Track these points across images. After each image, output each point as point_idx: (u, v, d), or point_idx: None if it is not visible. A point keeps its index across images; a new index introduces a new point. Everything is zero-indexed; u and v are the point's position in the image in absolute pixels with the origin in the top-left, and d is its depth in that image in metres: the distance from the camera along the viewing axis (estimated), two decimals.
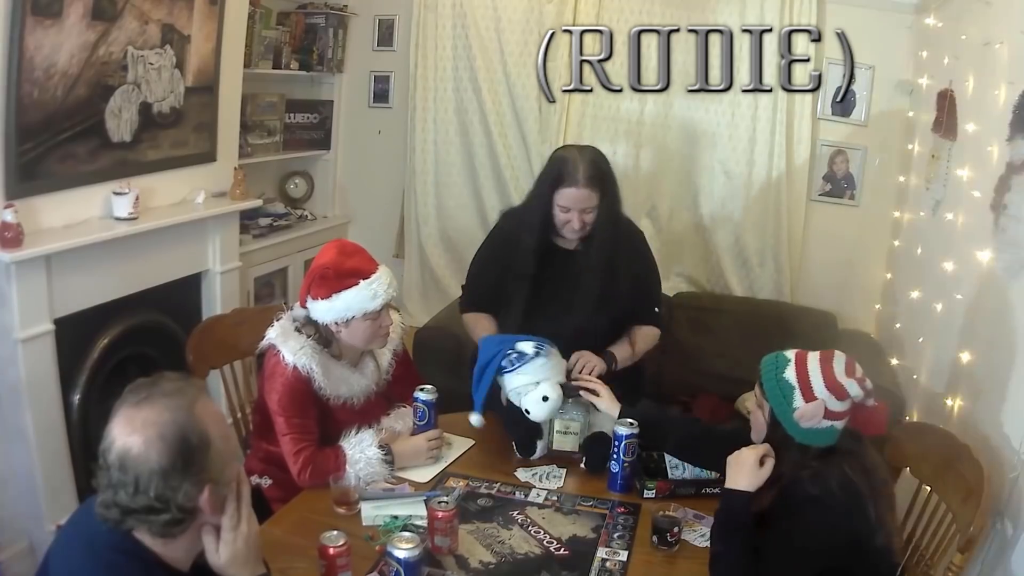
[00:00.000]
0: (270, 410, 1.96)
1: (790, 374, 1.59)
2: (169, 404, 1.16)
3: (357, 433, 1.95)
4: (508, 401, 2.07)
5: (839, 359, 1.59)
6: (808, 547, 1.46)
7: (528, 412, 2.00)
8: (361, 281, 1.92)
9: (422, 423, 2.05)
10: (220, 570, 1.24)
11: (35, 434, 2.40)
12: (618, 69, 3.64)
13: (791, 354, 1.63)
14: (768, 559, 1.51)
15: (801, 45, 3.35)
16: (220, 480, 1.19)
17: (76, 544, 1.21)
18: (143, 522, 1.15)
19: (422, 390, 2.05)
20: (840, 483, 1.46)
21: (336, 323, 1.95)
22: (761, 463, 1.59)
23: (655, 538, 1.70)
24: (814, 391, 1.55)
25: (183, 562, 1.22)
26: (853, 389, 1.55)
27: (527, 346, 2.01)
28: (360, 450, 1.91)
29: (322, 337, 1.98)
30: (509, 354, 2.02)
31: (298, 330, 1.96)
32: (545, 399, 1.99)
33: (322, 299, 1.91)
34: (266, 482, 2.01)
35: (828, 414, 1.55)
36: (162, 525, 1.15)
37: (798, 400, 1.56)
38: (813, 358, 1.60)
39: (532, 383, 2.01)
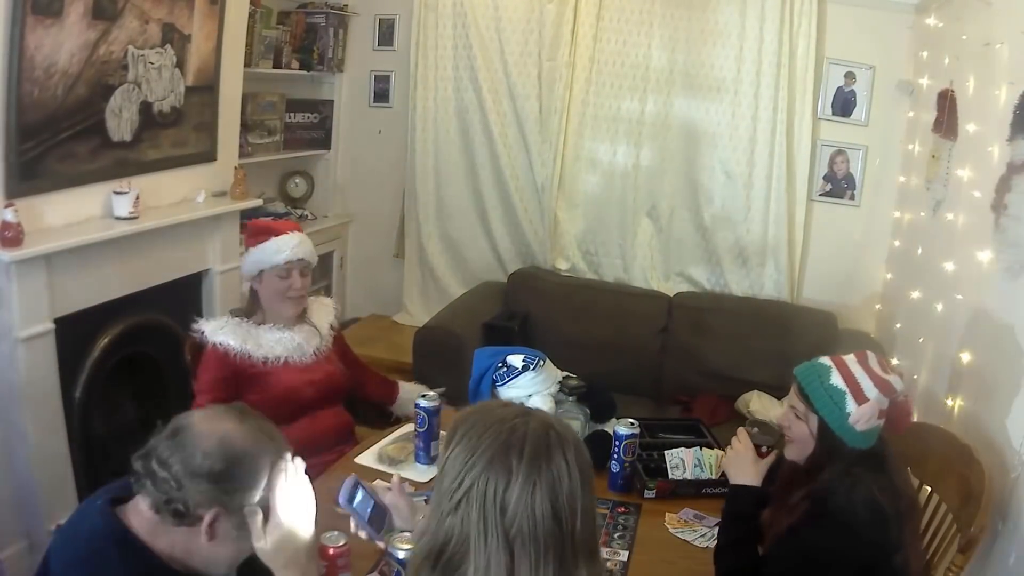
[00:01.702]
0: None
1: (837, 380, 1.55)
2: (255, 435, 1.21)
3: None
4: None
5: (872, 357, 1.57)
6: (820, 559, 1.45)
7: None
8: (272, 238, 2.19)
9: (422, 429, 2.05)
10: (263, 556, 1.26)
11: (35, 434, 2.40)
12: (618, 69, 3.66)
13: (828, 360, 1.59)
14: (778, 562, 1.51)
15: (803, 45, 3.38)
16: (234, 519, 1.20)
17: (75, 542, 1.21)
18: (153, 487, 1.17)
19: (424, 397, 2.05)
20: (865, 501, 1.44)
21: (254, 278, 2.19)
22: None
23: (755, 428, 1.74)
24: (865, 392, 1.52)
25: (178, 562, 1.22)
26: (897, 384, 1.54)
27: (516, 359, 2.02)
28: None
29: (249, 309, 2.22)
30: (500, 367, 2.02)
31: (230, 313, 2.20)
32: None
33: (244, 253, 2.22)
34: None
35: (880, 413, 1.52)
36: (163, 501, 1.17)
37: (850, 404, 1.51)
38: (852, 361, 1.57)
39: (524, 396, 2.02)
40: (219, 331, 2.12)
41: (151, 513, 1.19)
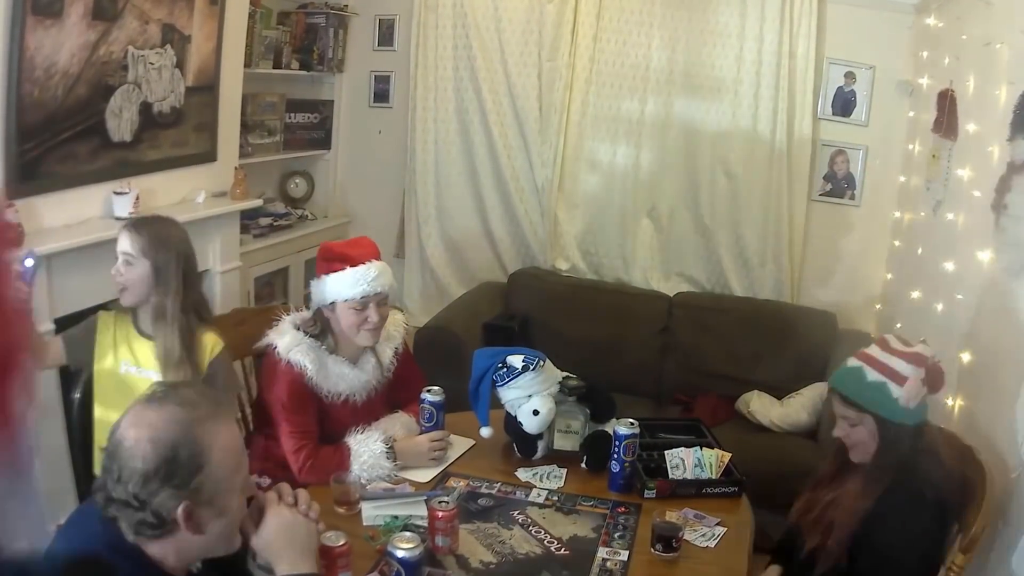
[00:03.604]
0: (270, 407, 1.97)
1: (873, 375, 1.60)
2: (175, 413, 1.16)
3: (363, 431, 1.95)
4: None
5: (892, 338, 1.64)
6: (928, 536, 1.53)
7: (521, 424, 2.01)
8: (348, 267, 1.97)
9: (429, 424, 2.05)
10: (261, 545, 1.27)
11: (35, 434, 2.40)
12: (619, 69, 3.66)
13: (856, 361, 1.64)
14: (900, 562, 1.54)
15: (803, 46, 3.38)
16: (204, 502, 1.16)
17: (73, 544, 1.21)
18: (121, 515, 1.15)
19: (429, 391, 2.05)
20: (934, 475, 1.51)
21: (325, 308, 2.00)
22: None
23: (659, 546, 1.69)
24: (902, 373, 1.57)
25: (177, 568, 1.21)
26: (926, 350, 1.60)
27: (516, 360, 2.02)
28: (366, 445, 1.92)
29: (321, 332, 2.02)
30: (499, 368, 2.02)
31: (297, 328, 2.00)
32: (536, 413, 1.99)
33: (316, 280, 2.02)
34: (265, 481, 2.01)
35: (922, 383, 1.58)
36: (136, 523, 1.15)
37: (895, 390, 1.57)
38: (876, 351, 1.63)
39: (524, 396, 2.02)
40: (294, 349, 1.95)
41: (133, 537, 1.17)
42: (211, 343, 2.02)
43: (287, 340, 1.97)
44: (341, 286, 1.96)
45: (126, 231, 1.98)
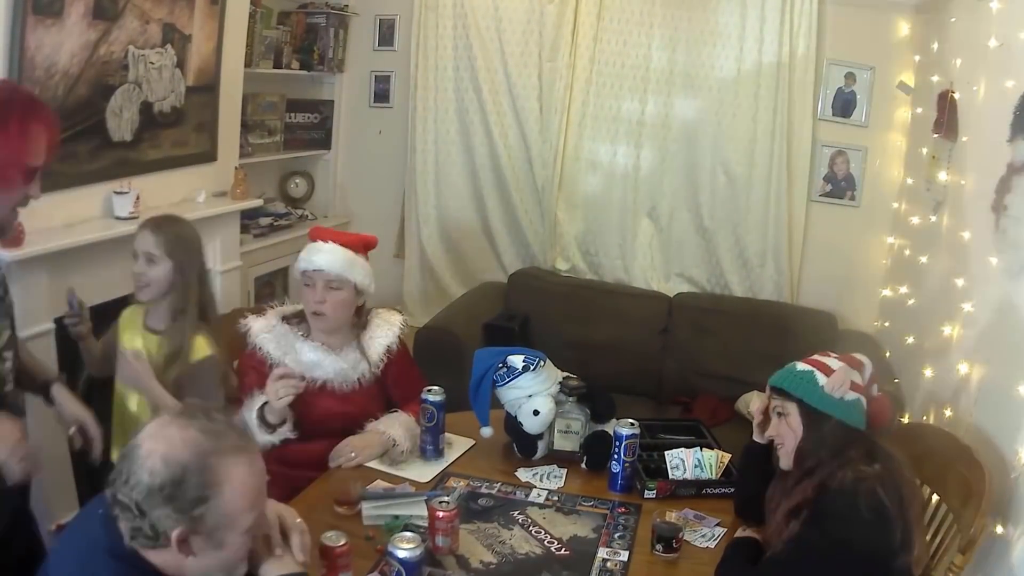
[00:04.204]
0: None
1: (802, 366, 1.62)
2: (196, 438, 1.15)
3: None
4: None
5: (830, 353, 1.65)
6: (825, 558, 1.46)
7: (522, 424, 2.01)
8: (310, 242, 2.07)
9: (431, 424, 2.05)
10: None
11: (35, 434, 2.39)
12: (619, 70, 3.66)
13: (792, 363, 1.66)
14: (781, 560, 1.51)
15: (802, 46, 3.38)
16: (203, 532, 1.15)
17: (75, 548, 1.21)
18: (122, 516, 1.15)
19: (429, 391, 2.05)
20: (870, 504, 1.44)
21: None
22: None
23: (659, 546, 1.69)
24: (830, 366, 1.59)
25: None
26: (863, 359, 1.62)
27: (517, 360, 2.02)
28: (248, 410, 1.94)
29: (300, 317, 2.09)
30: (500, 368, 2.02)
31: (282, 317, 2.08)
32: (536, 413, 1.99)
33: None
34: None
35: (853, 385, 1.57)
36: (132, 529, 1.14)
37: (820, 378, 1.58)
38: (816, 355, 1.65)
39: (524, 396, 2.02)
40: (263, 333, 2.02)
41: (129, 541, 1.16)
42: (199, 347, 2.02)
43: (260, 323, 2.05)
44: (299, 259, 2.08)
45: (148, 230, 2.02)
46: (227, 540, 1.17)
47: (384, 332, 2.14)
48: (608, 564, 1.66)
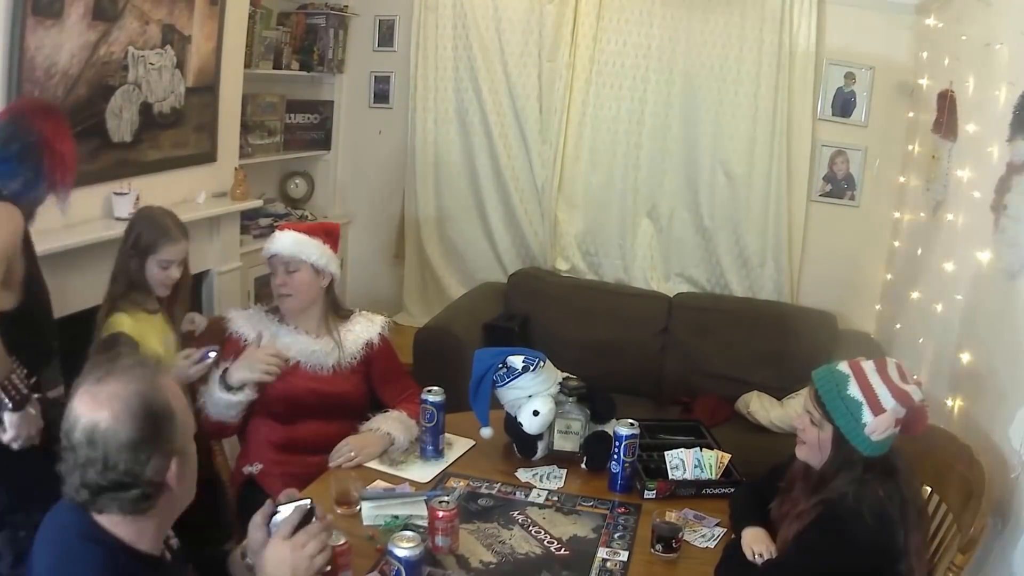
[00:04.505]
0: None
1: (854, 390, 1.52)
2: (132, 377, 1.16)
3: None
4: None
5: (892, 365, 1.55)
6: (823, 565, 1.46)
7: (522, 425, 2.02)
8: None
9: (431, 424, 2.05)
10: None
11: None
12: (619, 70, 3.66)
13: (846, 368, 1.57)
14: (782, 568, 1.51)
15: (802, 46, 3.38)
16: (184, 452, 1.19)
17: (48, 538, 1.20)
18: (114, 500, 1.14)
19: (430, 391, 2.05)
20: (872, 507, 1.44)
21: None
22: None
23: (659, 546, 1.69)
24: (883, 403, 1.50)
25: (153, 546, 1.21)
26: (916, 394, 1.52)
27: (516, 360, 2.02)
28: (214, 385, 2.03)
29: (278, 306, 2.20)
30: (500, 368, 2.02)
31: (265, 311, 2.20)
32: (536, 413, 1.99)
33: None
34: (256, 468, 2.07)
35: (896, 422, 1.51)
36: (131, 501, 1.14)
37: (867, 415, 1.50)
38: (871, 370, 1.55)
39: (524, 397, 2.02)
40: (239, 319, 2.15)
41: (125, 517, 1.16)
42: (115, 322, 2.12)
43: (237, 313, 2.19)
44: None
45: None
46: (190, 446, 1.22)
47: (364, 327, 2.24)
48: (608, 564, 1.66)
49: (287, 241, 2.15)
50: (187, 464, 1.20)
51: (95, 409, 1.13)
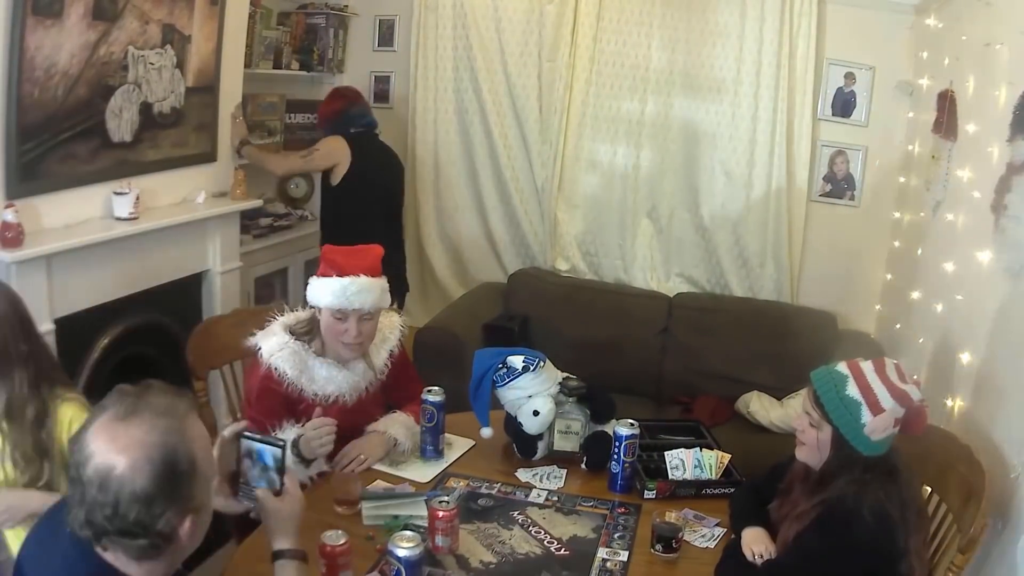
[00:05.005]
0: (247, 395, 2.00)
1: (853, 391, 1.53)
2: (159, 424, 1.08)
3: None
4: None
5: (890, 365, 1.56)
6: (823, 564, 1.46)
7: (522, 425, 2.01)
8: (334, 275, 1.94)
9: (431, 424, 2.05)
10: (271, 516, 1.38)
11: None
12: (618, 70, 3.66)
13: (845, 368, 1.57)
14: (782, 567, 1.51)
15: (802, 46, 3.38)
16: (202, 508, 1.14)
17: (50, 558, 1.15)
18: (117, 544, 1.08)
19: (430, 392, 2.05)
20: (872, 508, 1.44)
21: (314, 307, 2.00)
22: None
23: (659, 546, 1.69)
24: (881, 403, 1.51)
25: None
26: (915, 393, 1.53)
27: (516, 360, 2.02)
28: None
29: (310, 332, 2.01)
30: (499, 368, 2.02)
31: (287, 330, 1.99)
32: (536, 413, 1.99)
33: (312, 278, 2.00)
34: None
35: (895, 422, 1.52)
36: (137, 549, 1.08)
37: (866, 415, 1.50)
38: (869, 370, 1.55)
39: (524, 397, 2.02)
40: (277, 353, 1.93)
41: (134, 563, 1.10)
42: (67, 419, 1.68)
43: (272, 343, 1.94)
44: (324, 292, 1.94)
45: None
46: (209, 499, 1.17)
47: (386, 336, 2.13)
48: (608, 564, 1.66)
49: (374, 295, 1.96)
50: (202, 519, 1.14)
51: (112, 452, 1.05)
